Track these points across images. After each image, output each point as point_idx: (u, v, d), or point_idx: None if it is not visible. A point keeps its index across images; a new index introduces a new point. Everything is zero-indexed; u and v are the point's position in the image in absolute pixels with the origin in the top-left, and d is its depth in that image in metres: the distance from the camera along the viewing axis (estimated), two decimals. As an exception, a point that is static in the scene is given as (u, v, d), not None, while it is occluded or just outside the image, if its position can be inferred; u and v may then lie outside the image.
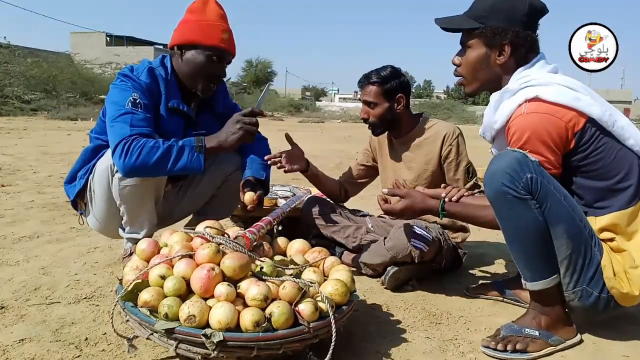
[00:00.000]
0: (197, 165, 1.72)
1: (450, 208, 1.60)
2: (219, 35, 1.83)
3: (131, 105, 1.74)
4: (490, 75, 1.58)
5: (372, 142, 2.36)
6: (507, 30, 1.51)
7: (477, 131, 1.71)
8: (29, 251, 2.29)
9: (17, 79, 15.76)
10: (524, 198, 1.35)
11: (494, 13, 1.52)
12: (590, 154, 1.43)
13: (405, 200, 1.61)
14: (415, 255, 1.84)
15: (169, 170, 1.71)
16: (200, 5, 1.85)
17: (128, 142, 1.66)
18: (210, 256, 1.34)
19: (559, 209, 1.37)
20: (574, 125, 1.41)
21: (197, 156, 1.72)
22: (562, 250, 1.39)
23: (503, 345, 1.43)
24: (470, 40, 1.57)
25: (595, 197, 1.46)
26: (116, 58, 27.06)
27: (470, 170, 2.08)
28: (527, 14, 1.50)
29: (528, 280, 1.45)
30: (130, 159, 1.66)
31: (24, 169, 4.74)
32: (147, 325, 1.25)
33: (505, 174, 1.35)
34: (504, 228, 1.43)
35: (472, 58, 1.58)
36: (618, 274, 1.41)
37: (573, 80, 1.52)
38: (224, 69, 1.91)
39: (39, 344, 1.41)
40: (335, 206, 2.32)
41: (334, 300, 1.35)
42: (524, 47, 1.52)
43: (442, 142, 2.07)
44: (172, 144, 1.70)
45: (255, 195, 1.83)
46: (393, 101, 2.10)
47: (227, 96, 2.16)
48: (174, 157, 1.69)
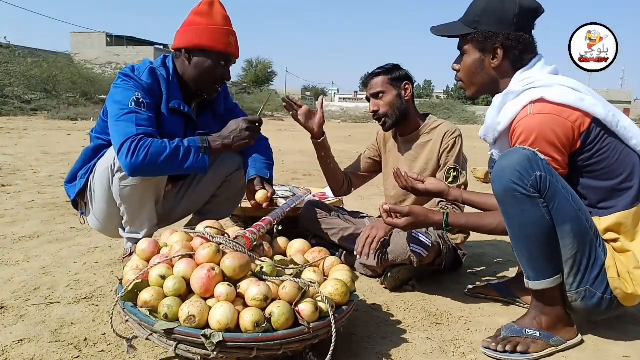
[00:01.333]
0: (202, 165, 1.74)
1: (454, 221, 1.59)
2: (227, 40, 1.84)
3: (135, 105, 1.74)
4: (487, 79, 1.59)
5: (378, 138, 2.34)
6: (498, 33, 1.51)
7: (477, 131, 1.71)
8: (29, 251, 2.28)
9: (17, 79, 15.74)
10: (533, 196, 1.35)
11: (485, 17, 1.53)
12: (595, 154, 1.43)
13: (409, 218, 1.60)
14: (415, 260, 1.83)
15: (177, 170, 1.73)
16: (207, 8, 1.84)
17: (135, 141, 1.66)
18: (210, 256, 1.34)
19: (566, 209, 1.37)
20: (580, 126, 1.41)
21: (202, 157, 1.74)
22: (567, 250, 1.39)
23: (503, 347, 1.42)
24: (465, 46, 1.59)
25: (599, 197, 1.46)
26: (116, 58, 27.07)
27: (452, 175, 2.03)
28: (517, 15, 1.50)
29: (531, 279, 1.45)
30: (138, 158, 1.65)
31: (24, 169, 4.74)
32: (147, 326, 1.24)
33: (515, 171, 1.35)
34: (510, 225, 1.42)
35: (468, 63, 1.59)
36: (622, 274, 1.41)
37: (574, 81, 1.52)
38: (229, 71, 1.93)
39: (39, 345, 1.41)
40: (334, 209, 2.32)
41: (334, 300, 1.35)
42: (517, 49, 1.52)
43: (442, 139, 2.07)
44: (178, 144, 1.72)
45: (268, 193, 1.86)
46: (401, 88, 2.09)
47: (227, 97, 2.16)
48: (181, 157, 1.71)
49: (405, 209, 1.61)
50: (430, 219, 1.61)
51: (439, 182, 1.82)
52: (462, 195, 1.78)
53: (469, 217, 1.63)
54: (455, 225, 1.60)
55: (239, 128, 1.81)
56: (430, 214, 1.61)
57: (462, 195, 1.78)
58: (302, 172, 5.30)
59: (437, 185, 1.80)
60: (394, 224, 1.62)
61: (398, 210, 1.62)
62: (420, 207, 1.64)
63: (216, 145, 1.79)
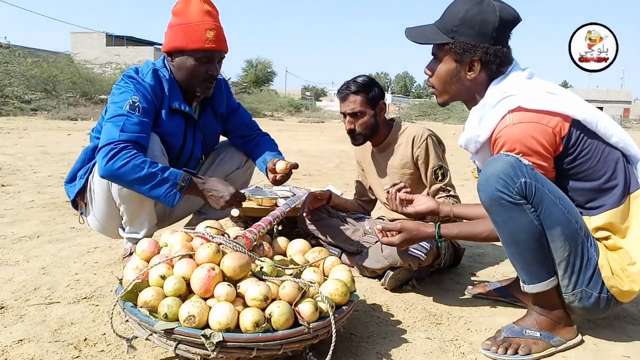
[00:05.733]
0: (170, 201, 1.70)
1: (446, 232, 1.59)
2: (203, 36, 1.79)
3: (129, 108, 1.74)
4: (461, 90, 1.56)
5: (356, 156, 2.42)
6: (477, 46, 1.47)
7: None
8: (29, 251, 2.28)
9: (17, 79, 15.75)
10: (519, 203, 1.34)
11: (463, 28, 1.47)
12: (578, 156, 1.42)
13: (402, 235, 1.61)
14: (413, 265, 1.84)
15: (143, 192, 1.70)
16: (182, 6, 1.83)
17: (117, 149, 1.66)
18: (210, 256, 1.34)
19: (554, 212, 1.36)
20: (561, 130, 1.39)
21: (174, 193, 1.69)
22: (559, 252, 1.39)
23: (504, 349, 1.42)
24: (440, 54, 1.54)
25: (586, 198, 1.45)
26: (116, 58, 27.03)
27: (439, 173, 2.05)
28: (497, 29, 1.45)
29: (526, 283, 1.45)
30: (113, 166, 1.65)
31: (24, 169, 4.74)
32: (147, 326, 1.24)
33: (499, 179, 1.34)
34: (500, 232, 1.42)
35: (443, 72, 1.55)
36: (616, 272, 1.41)
37: (550, 84, 1.50)
38: (216, 67, 1.89)
39: (38, 344, 1.41)
40: (332, 210, 2.33)
41: (334, 300, 1.35)
42: (495, 63, 1.49)
43: (412, 145, 2.08)
44: (156, 171, 1.67)
45: (289, 164, 1.84)
46: (377, 108, 2.11)
47: (230, 96, 2.16)
48: (151, 184, 1.67)
49: (397, 225, 1.62)
50: (423, 232, 1.61)
51: (428, 200, 1.78)
52: (452, 211, 1.76)
53: (460, 226, 1.62)
54: (447, 236, 1.60)
55: (223, 194, 1.74)
56: (422, 227, 1.62)
57: (453, 210, 1.76)
58: (302, 172, 5.30)
59: (427, 205, 1.76)
60: (389, 242, 1.63)
61: (390, 227, 1.63)
62: (411, 222, 1.64)
63: (193, 190, 1.74)
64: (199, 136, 2.01)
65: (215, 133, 2.12)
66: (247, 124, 2.18)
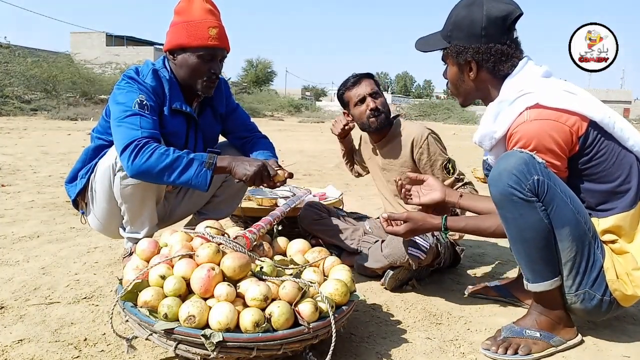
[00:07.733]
0: (202, 181, 1.67)
1: (452, 224, 1.58)
2: (206, 33, 1.80)
3: (138, 107, 1.73)
4: (470, 89, 1.59)
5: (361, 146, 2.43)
6: (468, 47, 1.50)
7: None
8: (29, 251, 2.28)
9: (17, 79, 15.76)
10: (530, 200, 1.34)
11: (455, 31, 1.53)
12: (594, 157, 1.42)
13: (408, 224, 1.60)
14: (413, 264, 1.84)
15: (173, 181, 1.67)
16: (185, 5, 1.83)
17: (140, 144, 1.65)
18: (210, 256, 1.34)
19: (565, 212, 1.36)
20: (578, 129, 1.39)
21: (205, 172, 1.67)
22: (566, 252, 1.39)
23: (504, 349, 1.42)
24: (445, 59, 1.60)
25: (598, 200, 1.45)
26: (116, 58, 27.02)
27: (449, 167, 2.10)
28: (485, 27, 1.47)
29: (530, 281, 1.45)
30: (140, 160, 1.64)
31: (24, 169, 4.74)
32: (147, 326, 1.24)
33: (512, 175, 1.34)
34: (508, 229, 1.42)
35: (451, 75, 1.61)
36: (621, 276, 1.41)
37: (569, 84, 1.50)
38: (218, 65, 1.89)
39: (38, 344, 1.41)
40: (333, 210, 2.33)
41: (334, 300, 1.35)
42: (490, 61, 1.50)
43: (412, 147, 2.10)
44: (182, 154, 1.67)
45: (287, 172, 1.84)
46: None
47: (230, 96, 2.16)
48: (180, 168, 1.66)
49: (403, 215, 1.61)
50: (429, 224, 1.61)
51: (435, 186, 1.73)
52: (459, 202, 1.75)
53: (467, 220, 1.62)
54: (453, 229, 1.59)
55: (252, 163, 1.73)
56: (429, 218, 1.61)
57: (459, 202, 1.74)
58: (302, 172, 5.31)
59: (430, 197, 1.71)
60: (394, 232, 1.63)
61: (396, 217, 1.62)
62: (417, 213, 1.64)
63: (222, 164, 1.72)
64: (201, 136, 2.01)
65: (215, 133, 2.12)
66: (246, 125, 2.17)
